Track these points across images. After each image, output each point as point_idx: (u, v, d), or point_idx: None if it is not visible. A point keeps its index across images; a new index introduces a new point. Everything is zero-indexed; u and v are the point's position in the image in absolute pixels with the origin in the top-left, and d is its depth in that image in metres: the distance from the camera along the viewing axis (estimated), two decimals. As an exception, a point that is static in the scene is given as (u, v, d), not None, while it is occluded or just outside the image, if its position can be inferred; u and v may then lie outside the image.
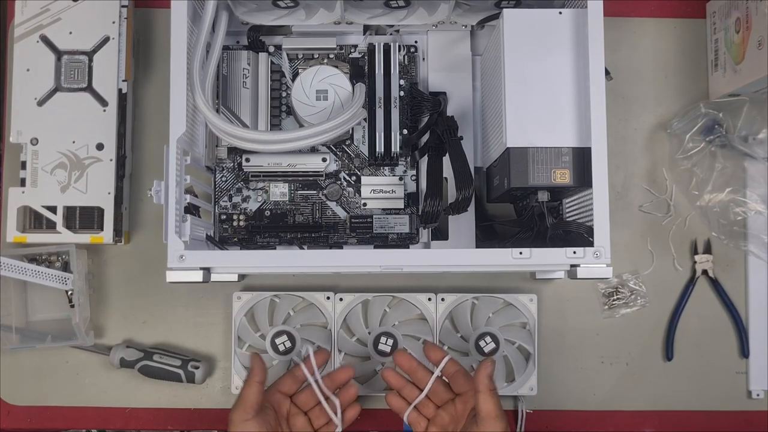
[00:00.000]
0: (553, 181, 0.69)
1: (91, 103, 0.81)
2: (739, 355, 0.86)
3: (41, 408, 0.84)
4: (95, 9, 0.81)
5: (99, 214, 0.80)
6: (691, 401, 0.85)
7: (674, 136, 0.86)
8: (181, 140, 0.67)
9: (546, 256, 0.66)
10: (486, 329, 0.82)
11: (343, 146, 0.81)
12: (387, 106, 0.79)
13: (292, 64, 0.81)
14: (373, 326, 0.83)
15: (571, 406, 0.85)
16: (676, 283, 0.86)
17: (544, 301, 0.85)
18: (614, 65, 0.86)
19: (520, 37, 0.69)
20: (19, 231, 0.80)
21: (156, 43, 0.87)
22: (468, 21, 0.81)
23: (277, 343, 0.82)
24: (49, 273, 0.80)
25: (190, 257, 0.66)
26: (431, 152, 0.77)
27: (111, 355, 0.83)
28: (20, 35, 0.81)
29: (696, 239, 0.87)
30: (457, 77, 0.82)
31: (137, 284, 0.85)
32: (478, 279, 0.85)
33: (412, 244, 0.81)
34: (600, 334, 0.86)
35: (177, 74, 0.68)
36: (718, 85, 0.86)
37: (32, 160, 0.80)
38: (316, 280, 0.85)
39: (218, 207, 0.81)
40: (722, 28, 0.85)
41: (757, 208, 0.83)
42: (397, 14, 0.78)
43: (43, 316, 0.84)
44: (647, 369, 0.86)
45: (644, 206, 0.87)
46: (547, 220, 0.73)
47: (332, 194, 0.81)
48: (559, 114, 0.69)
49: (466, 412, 0.72)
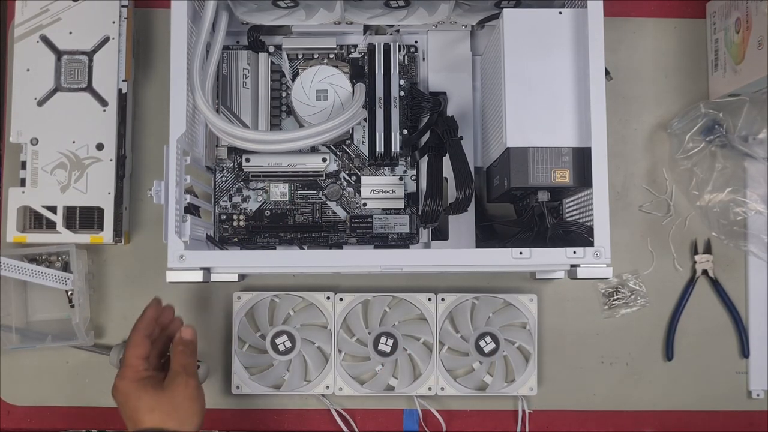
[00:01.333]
0: (553, 181, 0.69)
1: (91, 103, 0.81)
2: (739, 355, 0.86)
3: (41, 408, 0.84)
4: (95, 9, 0.81)
5: (99, 214, 0.80)
6: (691, 401, 0.85)
7: (674, 136, 0.85)
8: (181, 140, 0.67)
9: (546, 256, 0.66)
10: (486, 329, 0.82)
11: (343, 146, 0.81)
12: (387, 106, 0.79)
13: (292, 64, 0.81)
14: (373, 326, 0.83)
15: (571, 406, 0.85)
16: (676, 283, 0.86)
17: (544, 301, 0.85)
18: (614, 65, 0.86)
19: (520, 37, 0.69)
20: (19, 231, 0.80)
21: (156, 43, 0.87)
22: (468, 21, 0.81)
23: (277, 343, 0.82)
24: (49, 273, 0.80)
25: (190, 257, 0.66)
26: (431, 152, 0.77)
27: (111, 355, 0.83)
28: (20, 35, 0.81)
29: (696, 239, 0.87)
30: (457, 77, 0.82)
31: (137, 284, 0.85)
32: (478, 279, 0.85)
33: (412, 244, 0.81)
34: (600, 334, 0.86)
35: (177, 74, 0.68)
36: (718, 85, 0.86)
37: (32, 160, 0.80)
38: (316, 280, 0.85)
39: (218, 207, 0.81)
40: (722, 28, 0.85)
41: (757, 208, 0.83)
42: (397, 14, 0.78)
43: (43, 316, 0.84)
44: (647, 369, 0.86)
45: (644, 206, 0.87)
46: (547, 220, 0.73)
47: (332, 194, 0.81)
48: (559, 114, 0.69)
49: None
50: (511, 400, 0.84)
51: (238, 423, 0.85)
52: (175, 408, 0.68)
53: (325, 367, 0.83)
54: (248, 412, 0.85)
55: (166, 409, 0.67)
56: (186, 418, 0.68)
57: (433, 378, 0.82)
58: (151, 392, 0.68)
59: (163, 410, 0.67)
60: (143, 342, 0.71)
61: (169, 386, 0.69)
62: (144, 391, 0.68)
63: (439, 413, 0.84)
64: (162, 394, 0.68)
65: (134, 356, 0.70)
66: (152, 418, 0.67)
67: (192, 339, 0.73)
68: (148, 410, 0.67)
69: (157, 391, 0.68)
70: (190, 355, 0.72)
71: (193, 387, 0.70)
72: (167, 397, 0.68)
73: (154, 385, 0.69)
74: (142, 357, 0.70)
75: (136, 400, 0.68)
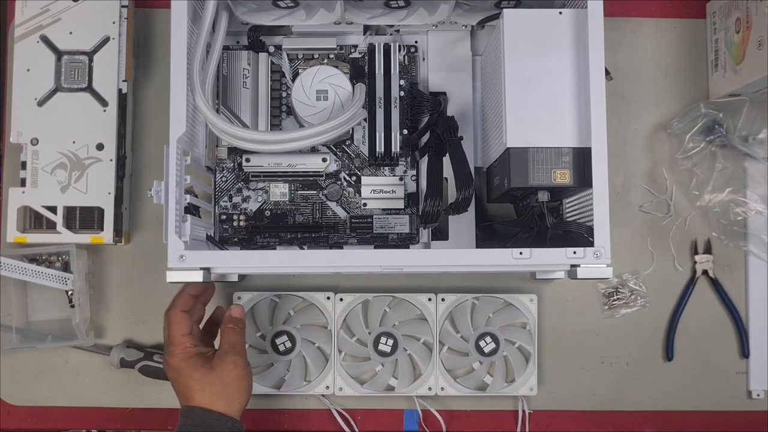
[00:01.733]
0: (553, 181, 0.69)
1: (91, 103, 0.81)
2: (739, 355, 0.86)
3: (41, 408, 0.84)
4: (95, 9, 0.81)
5: (99, 214, 0.80)
6: (691, 401, 0.85)
7: (674, 136, 0.85)
8: (181, 140, 0.67)
9: (546, 256, 0.66)
10: (486, 329, 0.82)
11: (343, 146, 0.81)
12: (387, 106, 0.79)
13: (292, 64, 0.81)
14: (373, 326, 0.83)
15: (571, 406, 0.85)
16: (676, 283, 0.86)
17: (544, 301, 0.85)
18: (614, 65, 0.86)
19: (520, 37, 0.69)
20: (19, 231, 0.80)
21: (156, 43, 0.87)
22: (468, 21, 0.81)
23: (277, 343, 0.82)
24: (50, 273, 0.80)
25: (190, 257, 0.66)
26: (431, 152, 0.77)
27: (111, 355, 0.83)
28: (20, 35, 0.81)
29: (696, 239, 0.87)
30: (457, 77, 0.82)
31: (137, 284, 0.85)
32: (478, 279, 0.85)
33: (412, 244, 0.81)
34: (600, 334, 0.86)
35: (177, 74, 0.68)
36: (718, 85, 0.86)
37: (32, 160, 0.80)
38: (316, 280, 0.85)
39: (218, 207, 0.81)
40: (722, 28, 0.84)
41: (757, 208, 0.83)
42: (397, 14, 0.78)
43: (43, 316, 0.84)
44: (647, 369, 0.86)
45: (644, 206, 0.87)
46: (548, 220, 0.73)
47: (332, 194, 0.81)
48: (559, 114, 0.69)
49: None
50: (511, 400, 0.84)
51: (238, 423, 0.85)
52: (225, 387, 0.70)
53: (325, 367, 0.83)
54: (248, 412, 0.84)
55: (216, 389, 0.69)
56: (234, 398, 0.70)
57: (433, 378, 0.82)
58: (201, 370, 0.70)
59: (213, 389, 0.69)
60: (183, 318, 0.72)
61: (219, 365, 0.70)
62: (195, 369, 0.70)
63: (439, 413, 0.84)
64: (212, 373, 0.70)
65: (178, 333, 0.71)
66: (203, 396, 0.69)
67: (241, 317, 0.74)
68: (198, 389, 0.69)
69: (207, 370, 0.70)
70: (239, 333, 0.73)
71: (242, 367, 0.71)
72: (217, 375, 0.70)
73: (204, 362, 0.70)
74: (185, 333, 0.71)
75: (188, 378, 0.70)
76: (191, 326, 0.72)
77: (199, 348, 0.72)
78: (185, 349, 0.71)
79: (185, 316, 0.72)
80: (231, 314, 0.74)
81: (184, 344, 0.71)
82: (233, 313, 0.74)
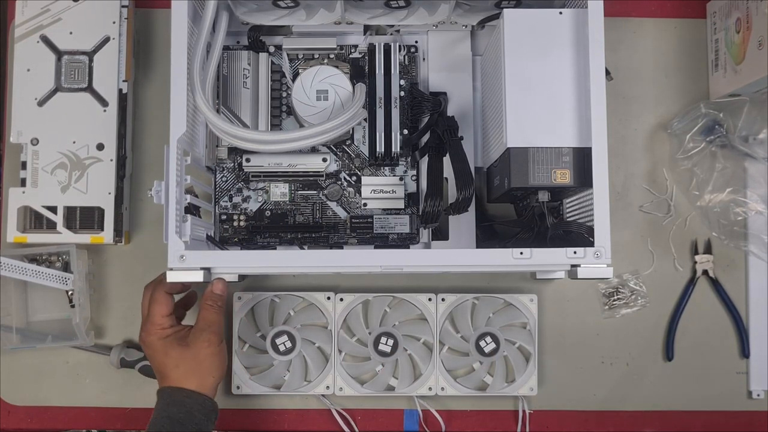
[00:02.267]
0: (553, 181, 0.69)
1: (92, 104, 0.81)
2: (739, 355, 0.86)
3: (41, 408, 0.84)
4: (95, 9, 0.81)
5: (99, 215, 0.80)
6: (691, 401, 0.85)
7: (674, 136, 0.86)
8: (181, 140, 0.67)
9: (546, 256, 0.66)
10: (486, 329, 0.82)
11: (343, 146, 0.81)
12: (387, 106, 0.79)
13: (292, 64, 0.81)
14: (373, 326, 0.83)
15: (571, 406, 0.85)
16: (676, 283, 0.86)
17: (545, 301, 0.85)
18: (614, 65, 0.86)
19: (520, 37, 0.69)
20: (19, 231, 0.80)
21: (156, 43, 0.87)
22: (468, 21, 0.81)
23: (277, 343, 0.82)
24: (50, 273, 0.80)
25: (191, 257, 0.66)
26: (431, 152, 0.77)
27: (111, 355, 0.83)
28: (21, 35, 0.81)
29: (696, 239, 0.87)
30: (457, 77, 0.82)
31: (137, 284, 0.85)
32: (478, 279, 0.85)
33: (412, 244, 0.81)
34: (600, 334, 0.86)
35: (177, 74, 0.68)
36: (718, 85, 0.86)
37: (32, 160, 0.80)
38: (316, 280, 0.85)
39: (218, 207, 0.81)
40: (722, 28, 0.85)
41: (757, 208, 0.83)
42: (397, 14, 0.78)
43: (43, 316, 0.84)
44: (647, 369, 0.86)
45: (644, 206, 0.87)
46: (548, 220, 0.73)
47: (332, 194, 0.81)
48: (560, 114, 0.69)
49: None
50: (511, 400, 0.84)
51: (239, 423, 0.85)
52: (199, 364, 0.71)
53: (326, 368, 0.83)
54: (248, 413, 0.85)
55: (190, 365, 0.71)
56: (207, 374, 0.72)
57: (433, 378, 0.82)
58: (177, 348, 0.72)
59: (188, 366, 0.71)
60: (166, 300, 0.73)
61: (194, 342, 0.72)
62: (170, 347, 0.72)
63: (439, 413, 0.84)
64: (186, 351, 0.72)
65: (159, 314, 0.73)
66: (177, 373, 0.71)
67: (222, 294, 0.74)
68: (173, 366, 0.71)
69: (182, 347, 0.72)
70: (217, 312, 0.73)
71: (216, 344, 0.72)
72: (191, 353, 0.72)
73: (180, 340, 0.73)
74: (165, 314, 0.73)
75: (164, 356, 0.72)
76: (172, 308, 0.74)
77: (175, 327, 0.74)
78: (163, 329, 0.73)
79: (169, 298, 0.74)
80: (212, 289, 0.73)
81: (162, 324, 0.73)
82: (215, 289, 0.73)
